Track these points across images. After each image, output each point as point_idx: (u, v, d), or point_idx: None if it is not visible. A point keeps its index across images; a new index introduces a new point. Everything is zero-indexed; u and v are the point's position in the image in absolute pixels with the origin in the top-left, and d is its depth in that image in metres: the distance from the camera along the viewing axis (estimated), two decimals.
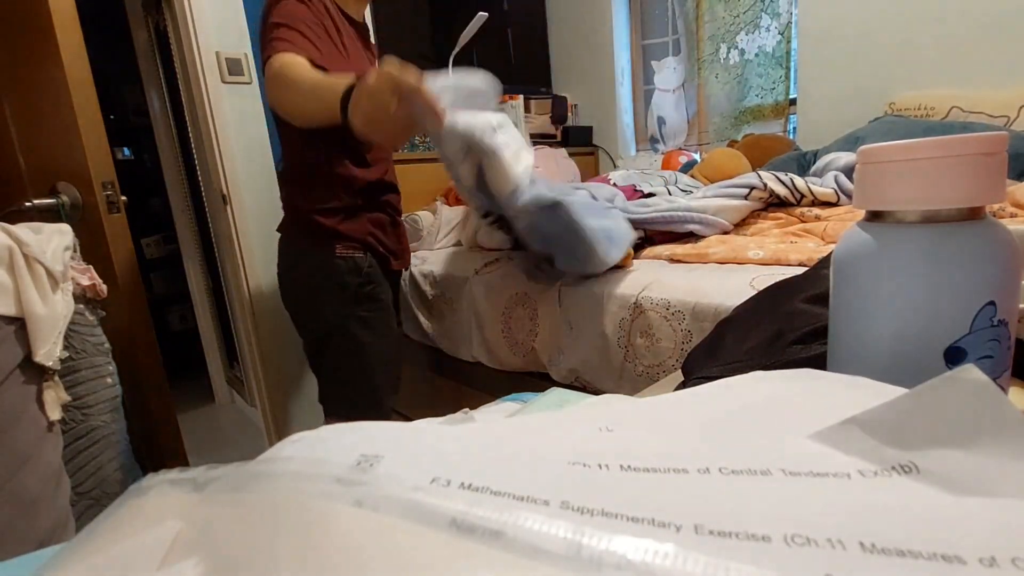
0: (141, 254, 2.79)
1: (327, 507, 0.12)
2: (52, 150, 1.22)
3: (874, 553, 0.11)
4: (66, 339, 0.84)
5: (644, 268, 1.06)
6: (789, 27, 2.08)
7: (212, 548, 0.12)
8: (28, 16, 1.11)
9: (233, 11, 1.78)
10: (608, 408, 0.22)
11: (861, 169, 0.25)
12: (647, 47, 2.58)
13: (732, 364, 0.38)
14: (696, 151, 2.46)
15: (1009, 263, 0.23)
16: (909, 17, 1.75)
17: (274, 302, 1.91)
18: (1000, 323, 0.23)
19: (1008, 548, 0.10)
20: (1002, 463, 0.14)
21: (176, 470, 0.16)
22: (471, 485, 0.13)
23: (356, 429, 0.16)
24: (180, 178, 2.45)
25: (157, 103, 2.38)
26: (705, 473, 0.14)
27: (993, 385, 0.14)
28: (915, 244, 0.24)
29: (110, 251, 1.19)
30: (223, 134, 1.77)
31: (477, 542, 0.11)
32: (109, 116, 1.49)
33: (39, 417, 0.78)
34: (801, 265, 0.91)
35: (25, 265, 0.77)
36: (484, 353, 1.28)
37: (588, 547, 0.11)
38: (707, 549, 0.11)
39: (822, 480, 0.14)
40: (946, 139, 0.22)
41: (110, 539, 0.14)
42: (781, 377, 0.22)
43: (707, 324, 0.85)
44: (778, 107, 2.17)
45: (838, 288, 0.27)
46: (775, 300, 0.43)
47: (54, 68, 1.11)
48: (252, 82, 1.83)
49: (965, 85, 1.65)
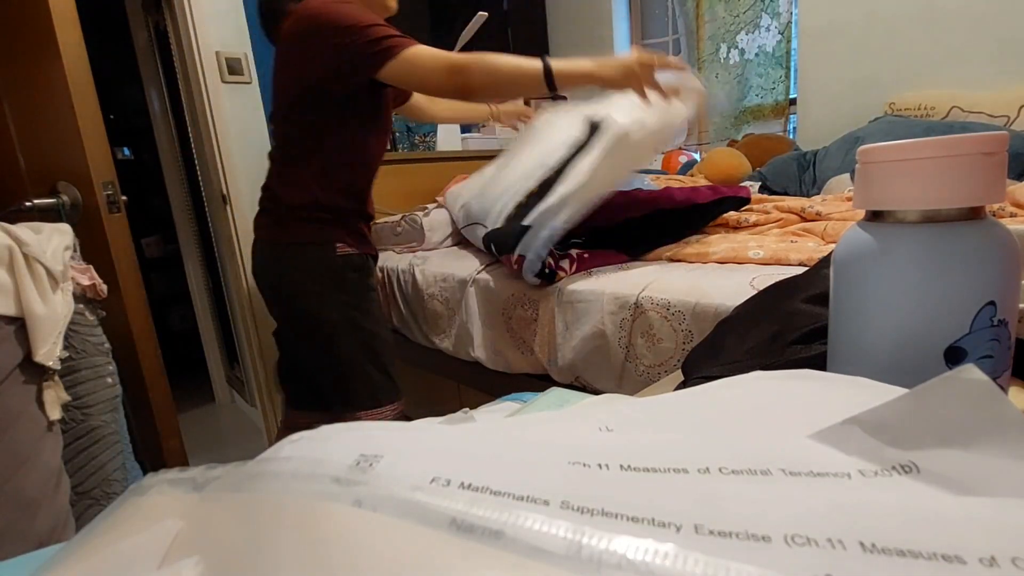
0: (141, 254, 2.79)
1: (326, 507, 0.12)
2: (52, 150, 1.22)
3: (874, 553, 0.11)
4: (66, 339, 0.84)
5: (644, 268, 1.07)
6: (789, 27, 2.08)
7: (212, 547, 0.12)
8: (28, 16, 1.11)
9: (233, 11, 1.78)
10: (608, 408, 0.22)
11: (861, 169, 0.25)
12: (647, 47, 2.58)
13: (732, 364, 0.38)
14: (696, 151, 2.46)
15: (1009, 263, 0.23)
16: (909, 17, 1.75)
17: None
18: (1000, 323, 0.23)
19: (1008, 548, 0.10)
20: (1002, 463, 0.14)
21: (176, 470, 0.16)
22: (471, 485, 0.13)
23: (355, 429, 0.16)
24: (180, 178, 2.45)
25: (157, 103, 2.38)
26: (705, 473, 0.14)
27: (993, 385, 0.14)
28: (915, 244, 0.24)
29: (110, 251, 1.19)
30: (223, 134, 1.77)
31: (477, 542, 0.11)
32: (109, 116, 1.49)
33: (39, 417, 0.78)
34: (801, 265, 0.91)
35: (25, 265, 0.77)
36: (484, 353, 1.28)
37: (588, 547, 0.11)
38: (707, 549, 0.11)
39: (822, 480, 0.14)
40: (946, 139, 0.22)
41: (110, 539, 0.14)
42: (781, 377, 0.22)
43: (707, 324, 0.85)
44: (778, 107, 2.17)
45: (838, 288, 0.27)
46: (775, 300, 0.43)
47: (54, 68, 1.11)
48: (252, 82, 1.83)
49: (965, 85, 1.65)
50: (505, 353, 1.23)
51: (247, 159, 1.83)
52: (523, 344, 1.18)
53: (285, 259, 1.14)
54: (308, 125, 1.10)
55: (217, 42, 1.75)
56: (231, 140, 1.79)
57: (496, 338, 1.24)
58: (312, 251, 1.12)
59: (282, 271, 1.15)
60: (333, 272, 1.13)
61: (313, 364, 1.21)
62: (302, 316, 1.16)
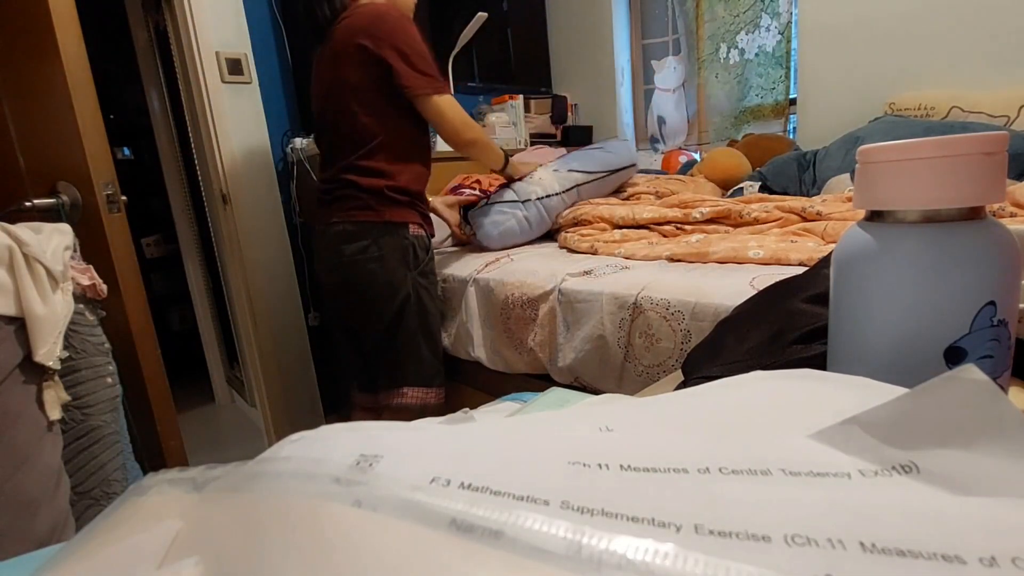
0: (141, 254, 2.79)
1: (326, 507, 0.12)
2: (52, 150, 1.22)
3: (874, 553, 0.10)
4: (66, 339, 0.84)
5: (644, 268, 1.07)
6: (789, 27, 2.08)
7: (211, 547, 0.12)
8: (28, 16, 1.11)
9: (233, 11, 1.77)
10: (608, 408, 0.22)
11: (861, 169, 0.25)
12: (647, 47, 2.58)
13: (732, 364, 0.38)
14: (696, 151, 2.46)
15: (1009, 263, 0.23)
16: (909, 17, 1.75)
17: (274, 302, 1.92)
18: (1000, 323, 0.23)
19: (1008, 548, 0.10)
20: (1002, 463, 0.14)
21: (176, 470, 0.16)
22: (471, 485, 0.13)
23: (355, 429, 0.16)
24: (180, 178, 2.45)
25: (157, 103, 2.38)
26: (705, 473, 0.14)
27: (993, 385, 0.14)
28: (915, 244, 0.24)
29: (110, 251, 1.19)
30: (223, 134, 1.77)
31: (477, 542, 0.11)
32: (109, 116, 1.49)
33: (39, 417, 0.78)
34: (801, 265, 0.91)
35: (25, 265, 0.77)
36: (484, 353, 1.28)
37: (588, 547, 0.11)
38: (707, 549, 0.11)
39: (822, 480, 0.14)
40: (946, 139, 0.22)
41: (110, 539, 0.14)
42: (781, 377, 0.22)
43: (707, 324, 0.85)
44: (778, 107, 2.17)
45: (838, 288, 0.27)
46: (775, 300, 0.43)
47: (54, 68, 1.11)
48: (252, 82, 1.83)
49: (965, 85, 1.65)
50: (503, 353, 1.23)
51: (247, 159, 1.83)
52: (523, 344, 1.18)
53: (365, 239, 1.24)
54: (381, 113, 1.22)
55: (217, 42, 1.74)
56: (231, 140, 1.79)
57: (495, 338, 1.25)
58: (390, 229, 1.24)
59: (357, 251, 1.24)
60: (407, 250, 1.25)
61: (374, 342, 1.31)
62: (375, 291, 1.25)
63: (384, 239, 1.24)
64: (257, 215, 1.86)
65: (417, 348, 1.29)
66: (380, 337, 1.29)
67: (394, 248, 1.24)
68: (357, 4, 1.23)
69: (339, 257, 1.27)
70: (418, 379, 1.29)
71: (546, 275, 1.15)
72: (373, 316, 1.29)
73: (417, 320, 1.28)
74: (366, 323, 1.32)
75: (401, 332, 1.28)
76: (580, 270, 1.12)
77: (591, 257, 1.24)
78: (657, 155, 2.55)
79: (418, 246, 1.28)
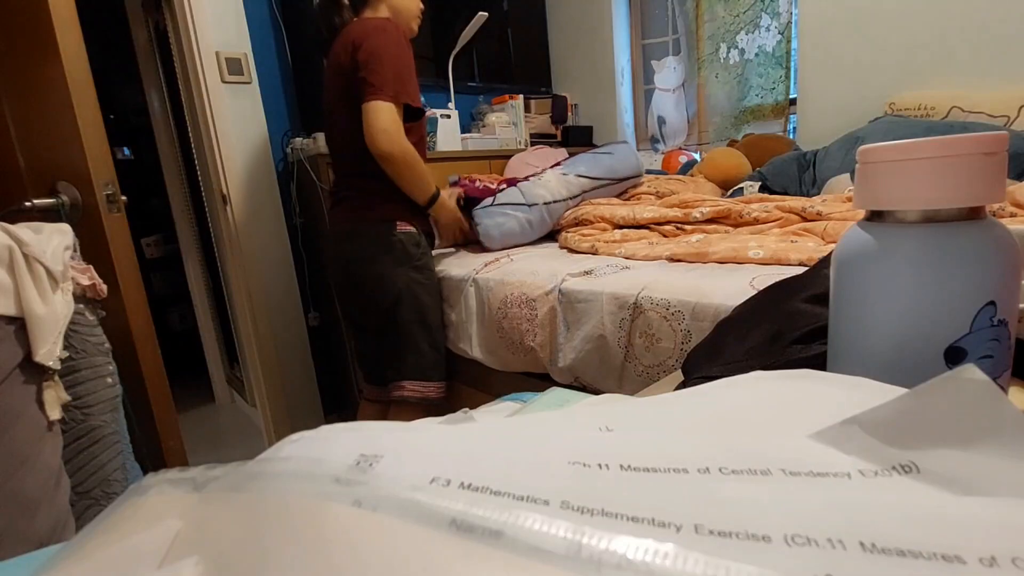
0: (141, 254, 2.79)
1: (326, 507, 0.12)
2: (52, 150, 1.22)
3: (874, 553, 0.10)
4: (66, 339, 0.84)
5: (644, 268, 1.07)
6: (789, 27, 2.08)
7: (211, 547, 0.12)
8: (28, 16, 1.11)
9: (233, 11, 1.77)
10: (608, 408, 0.22)
11: (861, 169, 0.25)
12: (647, 47, 2.58)
13: (732, 364, 0.38)
14: (696, 151, 2.46)
15: (1009, 263, 0.23)
16: (909, 17, 1.75)
17: (274, 302, 1.92)
18: (1000, 323, 0.23)
19: (1008, 548, 0.10)
20: (1002, 463, 0.13)
21: (176, 470, 0.16)
22: (471, 485, 0.13)
23: (355, 429, 0.16)
24: (180, 178, 2.45)
25: (157, 103, 2.38)
26: (705, 473, 0.14)
27: (993, 385, 0.14)
28: (915, 244, 0.24)
29: (110, 251, 1.19)
30: (223, 134, 1.77)
31: (477, 542, 0.11)
32: (109, 116, 1.50)
33: (39, 417, 0.78)
34: (801, 265, 0.91)
35: (25, 265, 0.77)
36: (484, 353, 1.28)
37: (588, 547, 0.11)
38: (707, 549, 0.11)
39: (822, 480, 0.14)
40: (946, 139, 0.22)
41: (110, 539, 0.14)
42: (781, 377, 0.22)
43: (707, 324, 0.85)
44: (778, 107, 2.17)
45: (838, 288, 0.27)
46: (775, 300, 0.43)
47: (54, 68, 1.11)
48: (252, 82, 1.83)
49: (965, 85, 1.65)
50: (505, 353, 1.23)
51: (247, 159, 1.83)
52: (522, 344, 1.18)
53: (361, 237, 1.30)
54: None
55: (217, 42, 1.74)
56: (231, 140, 1.79)
57: (495, 338, 1.25)
58: (380, 227, 1.29)
59: (354, 250, 1.31)
60: (396, 246, 1.29)
61: (375, 337, 1.37)
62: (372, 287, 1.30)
63: (375, 237, 1.29)
64: (257, 215, 1.86)
65: (415, 341, 1.33)
66: (380, 331, 1.34)
67: (384, 245, 1.29)
68: (358, 19, 1.29)
69: (341, 256, 1.33)
70: (417, 372, 1.33)
71: (546, 275, 1.15)
72: (371, 312, 1.33)
73: (414, 314, 1.31)
74: (367, 318, 1.37)
75: (398, 326, 1.32)
76: (580, 270, 1.12)
77: (591, 257, 1.24)
78: (657, 155, 2.55)
79: (407, 242, 1.31)
